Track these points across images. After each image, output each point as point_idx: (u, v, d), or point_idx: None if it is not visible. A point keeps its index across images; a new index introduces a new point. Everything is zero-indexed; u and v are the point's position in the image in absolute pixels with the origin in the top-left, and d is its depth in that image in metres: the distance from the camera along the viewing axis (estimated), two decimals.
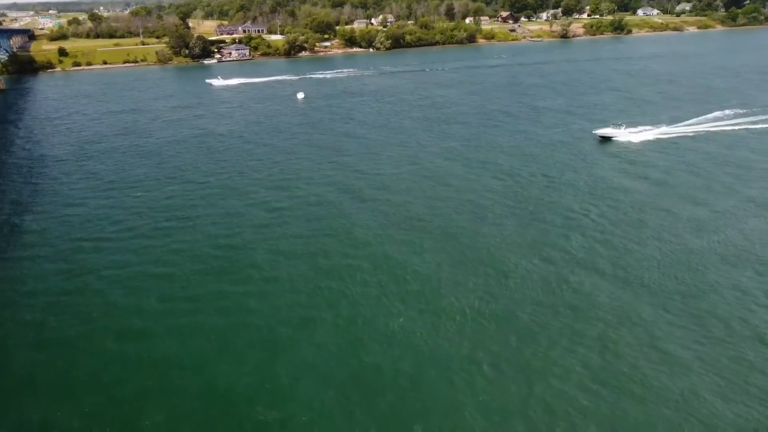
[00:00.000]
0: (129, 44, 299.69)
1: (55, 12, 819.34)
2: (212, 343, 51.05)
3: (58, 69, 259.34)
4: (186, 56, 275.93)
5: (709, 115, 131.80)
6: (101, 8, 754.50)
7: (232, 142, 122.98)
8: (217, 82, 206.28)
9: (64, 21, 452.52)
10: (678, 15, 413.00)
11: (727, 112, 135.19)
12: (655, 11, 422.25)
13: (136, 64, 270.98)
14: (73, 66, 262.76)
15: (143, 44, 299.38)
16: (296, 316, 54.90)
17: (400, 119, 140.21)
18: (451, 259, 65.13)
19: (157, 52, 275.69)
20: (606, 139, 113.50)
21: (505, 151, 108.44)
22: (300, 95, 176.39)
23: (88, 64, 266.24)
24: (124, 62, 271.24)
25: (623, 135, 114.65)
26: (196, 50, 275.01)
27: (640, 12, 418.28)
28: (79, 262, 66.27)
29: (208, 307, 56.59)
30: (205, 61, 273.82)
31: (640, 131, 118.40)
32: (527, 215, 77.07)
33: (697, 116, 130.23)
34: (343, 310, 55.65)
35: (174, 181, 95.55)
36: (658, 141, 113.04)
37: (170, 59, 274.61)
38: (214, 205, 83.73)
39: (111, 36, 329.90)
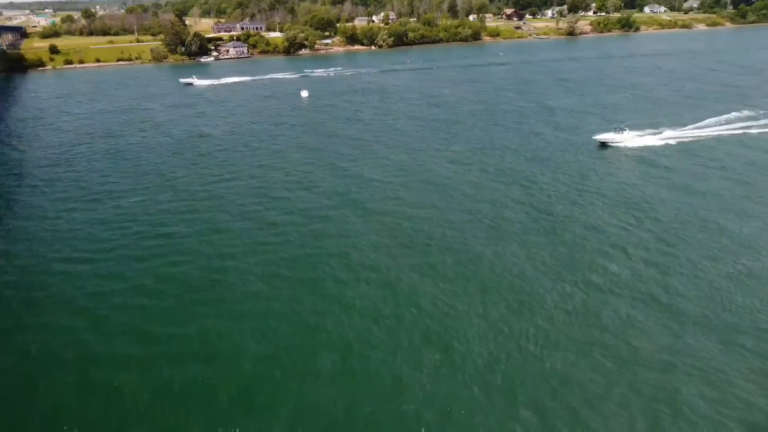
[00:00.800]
0: (123, 42, 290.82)
1: (50, 11, 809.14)
2: (196, 404, 42.15)
3: (49, 67, 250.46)
4: (182, 54, 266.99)
5: (729, 116, 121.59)
6: (98, 7, 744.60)
7: (227, 145, 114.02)
8: (197, 82, 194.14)
9: (58, 19, 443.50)
10: (686, 12, 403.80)
11: (747, 112, 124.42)
12: (662, 8, 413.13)
13: (130, 63, 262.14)
14: (65, 64, 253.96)
15: (138, 42, 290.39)
16: (291, 363, 46.04)
17: (406, 121, 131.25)
18: (470, 286, 56.30)
19: (151, 50, 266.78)
20: (605, 145, 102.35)
21: (514, 156, 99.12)
22: (304, 93, 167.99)
23: (80, 62, 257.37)
24: (118, 60, 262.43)
25: (630, 139, 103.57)
26: (193, 48, 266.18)
27: (646, 9, 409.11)
28: (43, 289, 57.45)
29: (193, 350, 47.79)
30: (202, 59, 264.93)
31: (655, 134, 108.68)
32: (547, 231, 68.19)
33: (716, 116, 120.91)
34: (345, 357, 46.60)
35: (160, 191, 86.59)
36: (675, 144, 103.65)
37: (165, 57, 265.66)
38: (205, 220, 74.80)
39: (105, 33, 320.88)
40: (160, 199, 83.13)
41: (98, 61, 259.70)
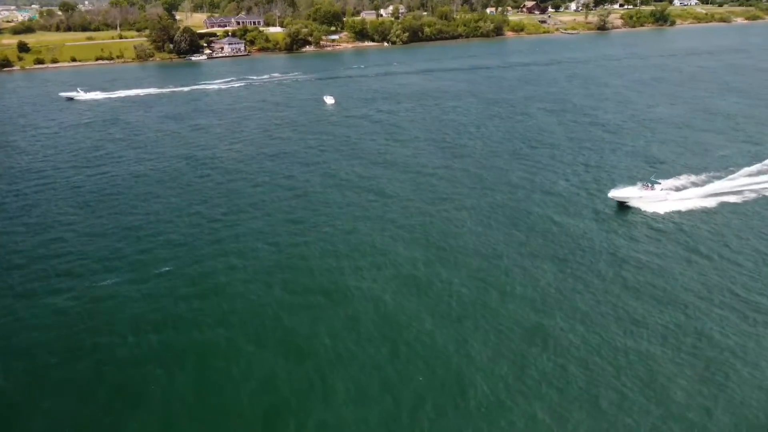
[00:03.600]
0: (104, 38, 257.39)
1: (37, 6, 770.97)
2: None
3: (17, 67, 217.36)
4: (170, 52, 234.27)
5: None
6: (86, 2, 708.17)
7: (235, 170, 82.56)
8: (79, 96, 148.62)
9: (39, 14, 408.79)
10: (720, 5, 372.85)
11: None
12: (694, 0, 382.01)
13: (111, 62, 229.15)
14: (36, 64, 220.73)
15: (120, 38, 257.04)
16: None
17: (462, 140, 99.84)
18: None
19: (135, 47, 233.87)
20: (624, 206, 68.37)
21: (496, 227, 65.85)
22: (329, 100, 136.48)
23: (54, 61, 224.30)
24: (97, 59, 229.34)
25: (661, 198, 68.56)
26: (183, 45, 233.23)
27: (676, 1, 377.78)
28: None
29: None
30: (193, 57, 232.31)
31: (700, 186, 73.43)
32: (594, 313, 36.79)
33: None
34: None
35: (133, 237, 55.03)
36: (734, 204, 67.92)
37: (151, 55, 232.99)
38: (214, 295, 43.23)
39: (85, 29, 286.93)
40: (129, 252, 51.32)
41: (74, 60, 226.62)
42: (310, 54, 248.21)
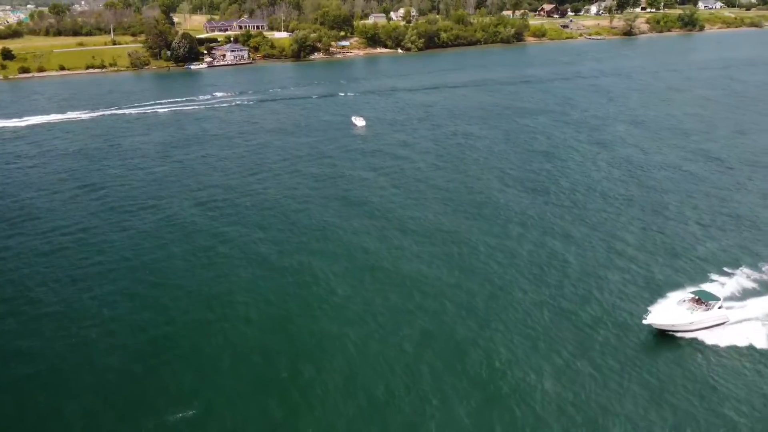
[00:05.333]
0: (96, 44, 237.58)
1: (33, 6, 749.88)
2: None
3: (0, 77, 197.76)
4: (167, 59, 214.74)
5: None
6: (82, 2, 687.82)
7: (261, 223, 63.71)
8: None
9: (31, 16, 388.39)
10: (747, 9, 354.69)
11: None
12: (719, 4, 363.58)
13: (103, 70, 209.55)
14: (20, 73, 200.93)
15: (114, 44, 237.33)
16: None
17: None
18: None
19: (129, 54, 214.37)
20: (666, 335, 46.57)
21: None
22: (359, 122, 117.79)
23: (40, 69, 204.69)
24: (88, 67, 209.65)
25: (718, 323, 47.20)
26: (181, 52, 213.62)
27: (700, 4, 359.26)
28: None
29: None
30: (192, 66, 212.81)
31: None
32: None
33: None
34: None
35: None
36: None
37: (147, 63, 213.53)
38: None
39: (76, 33, 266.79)
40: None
41: (62, 68, 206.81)
42: (320, 62, 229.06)
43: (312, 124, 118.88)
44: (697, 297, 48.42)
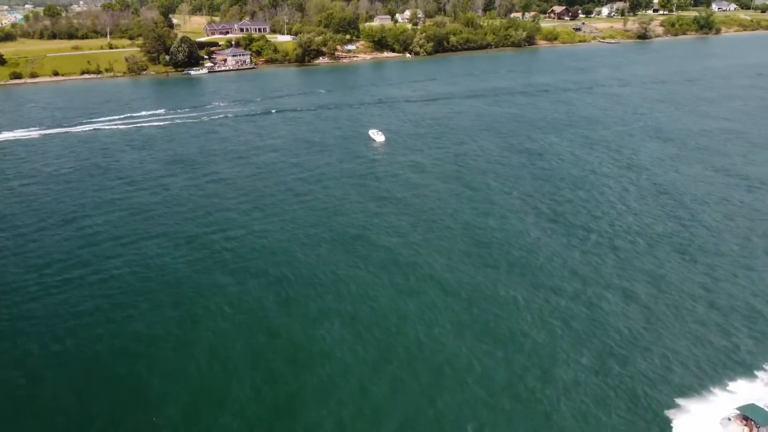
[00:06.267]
0: (92, 47, 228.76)
1: (31, 6, 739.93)
2: None
3: None
4: (166, 64, 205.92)
5: None
6: (81, 2, 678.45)
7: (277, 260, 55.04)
8: None
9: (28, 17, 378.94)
10: (763, 11, 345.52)
11: None
12: (732, 6, 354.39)
13: (99, 76, 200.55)
14: (11, 78, 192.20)
15: (110, 47, 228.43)
16: None
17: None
18: None
19: (126, 59, 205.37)
20: None
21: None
22: (377, 137, 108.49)
23: (33, 75, 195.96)
24: (83, 73, 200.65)
25: None
26: (180, 56, 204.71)
27: (714, 6, 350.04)
28: None
29: None
30: (192, 72, 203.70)
31: None
32: None
33: None
34: None
35: None
36: None
37: (144, 69, 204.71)
38: None
39: (71, 36, 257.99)
40: None
41: (56, 74, 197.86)
42: (325, 67, 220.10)
43: (325, 140, 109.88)
44: (740, 415, 36.59)
